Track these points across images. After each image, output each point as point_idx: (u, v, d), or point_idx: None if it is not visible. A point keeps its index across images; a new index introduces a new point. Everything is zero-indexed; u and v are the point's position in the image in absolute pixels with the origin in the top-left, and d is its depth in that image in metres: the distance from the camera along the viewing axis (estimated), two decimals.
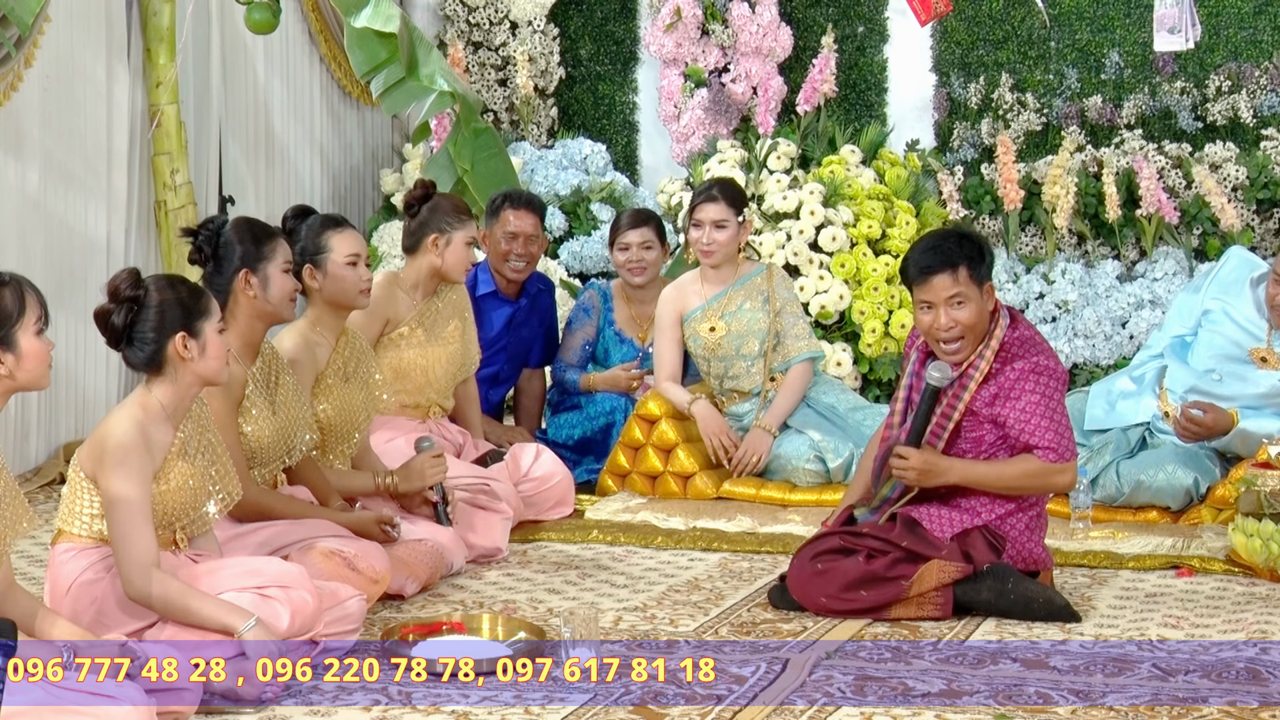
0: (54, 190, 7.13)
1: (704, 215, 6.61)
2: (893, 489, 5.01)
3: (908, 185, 8.37)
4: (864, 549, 4.90)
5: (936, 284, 4.88)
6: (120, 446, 4.21)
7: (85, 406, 7.32)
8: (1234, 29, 8.64)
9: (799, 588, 4.96)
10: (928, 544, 4.88)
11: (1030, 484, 4.91)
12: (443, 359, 6.18)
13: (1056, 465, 4.88)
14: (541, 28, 9.37)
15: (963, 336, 4.90)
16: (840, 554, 4.92)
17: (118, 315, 4.31)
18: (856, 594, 4.85)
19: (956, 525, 4.91)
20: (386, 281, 6.13)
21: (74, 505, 4.34)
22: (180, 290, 4.36)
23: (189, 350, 4.31)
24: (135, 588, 4.18)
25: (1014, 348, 4.93)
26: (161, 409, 4.33)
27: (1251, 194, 8.29)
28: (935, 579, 4.84)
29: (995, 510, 4.94)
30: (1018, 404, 4.88)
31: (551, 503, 6.26)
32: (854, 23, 9.16)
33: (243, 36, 8.01)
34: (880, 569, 4.85)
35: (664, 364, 6.76)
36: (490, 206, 6.95)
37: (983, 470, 4.91)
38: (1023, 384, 4.88)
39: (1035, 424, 4.87)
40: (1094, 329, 7.92)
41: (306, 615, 4.29)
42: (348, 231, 5.49)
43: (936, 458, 4.90)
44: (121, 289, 4.30)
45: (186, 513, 4.40)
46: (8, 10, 6.34)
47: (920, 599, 4.86)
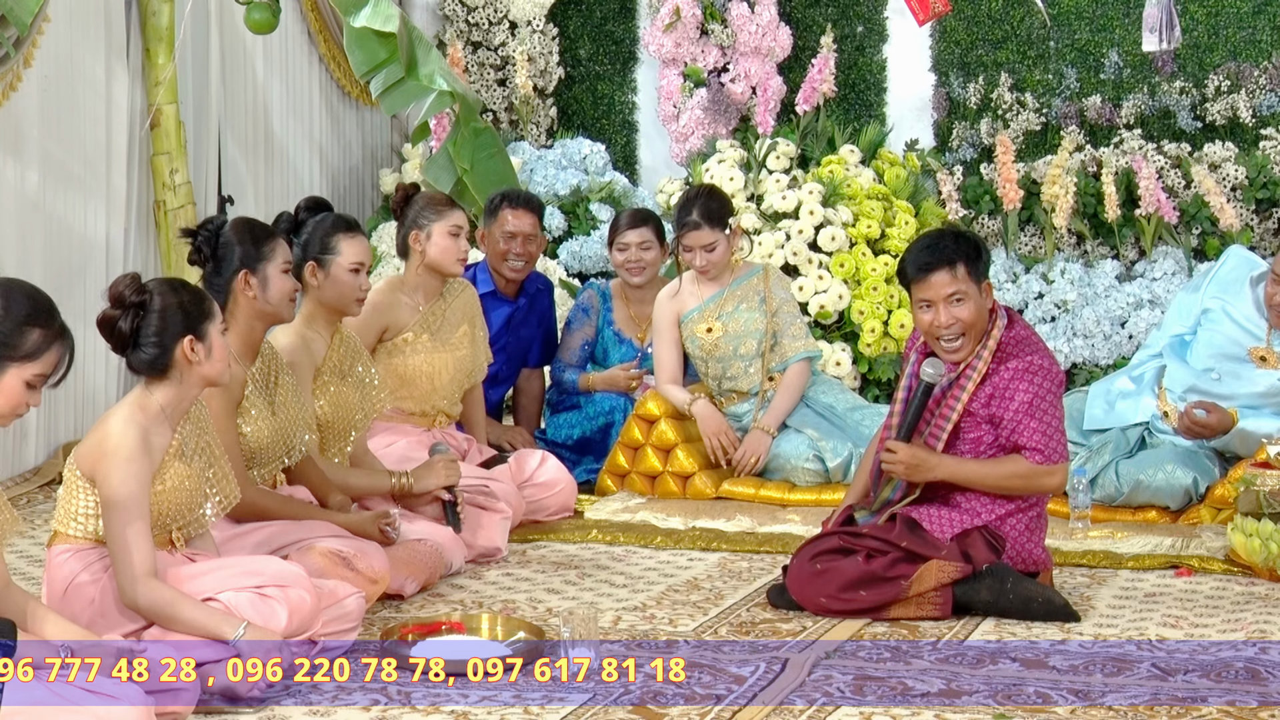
0: (53, 190, 7.13)
1: (692, 243, 6.59)
2: (894, 490, 5.02)
3: (907, 185, 8.37)
4: (863, 549, 4.90)
5: (935, 281, 4.88)
6: (120, 448, 4.21)
7: (85, 406, 7.32)
8: (1233, 29, 8.64)
9: (798, 588, 4.96)
10: (927, 544, 4.88)
11: (1018, 484, 4.91)
12: (450, 365, 6.16)
13: (1044, 467, 4.88)
14: (541, 28, 9.37)
15: (963, 334, 4.90)
16: (839, 554, 4.93)
17: (124, 321, 4.31)
18: (856, 594, 4.86)
19: (956, 526, 4.92)
20: (388, 288, 6.11)
21: (70, 506, 4.34)
22: (183, 294, 4.37)
23: (196, 354, 4.32)
24: (129, 595, 4.19)
25: (1011, 347, 4.94)
26: (160, 411, 4.33)
27: (1250, 194, 8.29)
28: (935, 579, 4.85)
29: (995, 511, 4.94)
30: (1011, 404, 4.88)
31: (553, 509, 6.26)
32: (853, 22, 9.16)
33: (242, 36, 8.00)
34: (879, 569, 4.86)
35: (664, 366, 6.76)
36: (488, 206, 6.95)
37: (971, 468, 4.92)
38: (1016, 383, 4.88)
39: (1024, 424, 4.87)
40: (1093, 329, 7.92)
41: (304, 614, 4.29)
42: (358, 238, 5.47)
43: (925, 453, 4.91)
44: (125, 294, 4.30)
45: (183, 514, 4.40)
46: (6, 10, 6.33)
47: (920, 599, 4.86)
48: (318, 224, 5.46)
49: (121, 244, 7.48)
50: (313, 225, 5.46)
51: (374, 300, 5.94)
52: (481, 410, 6.54)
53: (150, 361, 4.31)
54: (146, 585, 4.17)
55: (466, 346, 6.22)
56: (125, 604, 4.21)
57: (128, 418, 4.27)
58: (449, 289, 6.24)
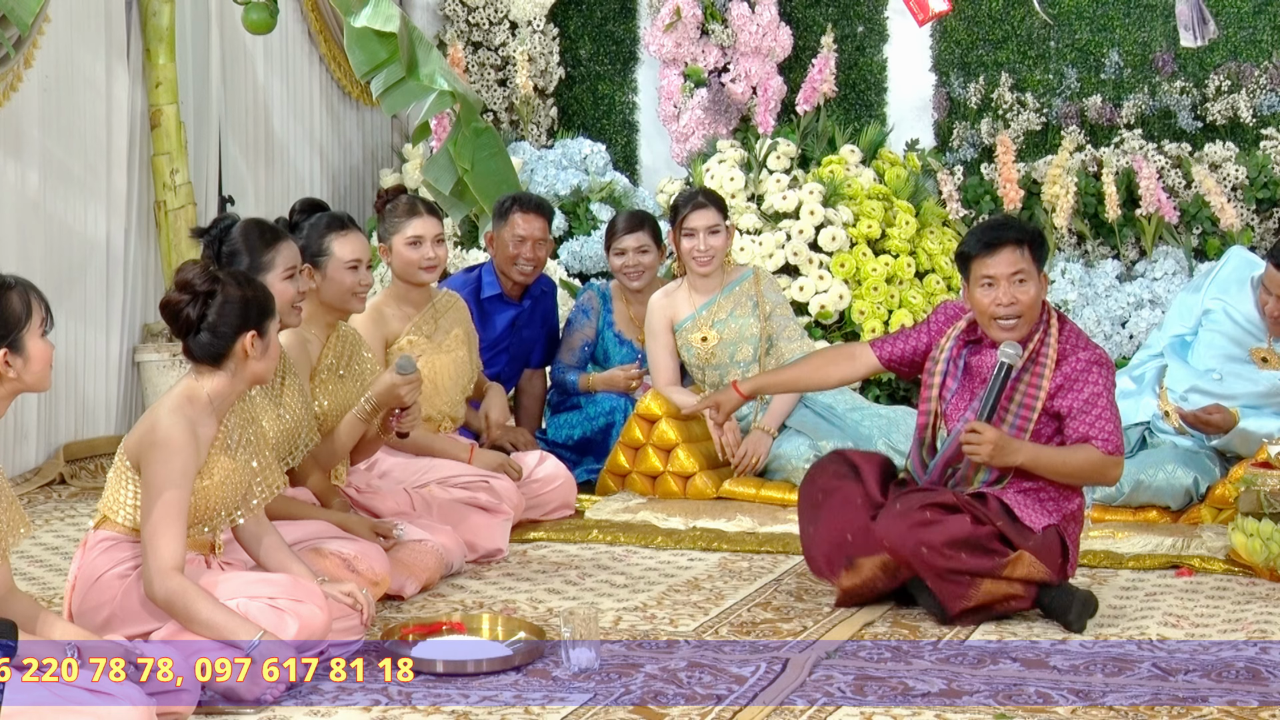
0: (54, 190, 7.13)
1: (697, 223, 6.62)
2: (986, 474, 4.95)
3: (907, 185, 8.37)
4: (970, 513, 4.85)
5: (1003, 257, 4.88)
6: (169, 440, 4.23)
7: (84, 407, 7.32)
8: (1234, 29, 8.64)
9: (899, 533, 4.80)
10: (1020, 531, 4.85)
11: (1088, 473, 4.92)
12: (449, 366, 6.15)
13: (1113, 458, 4.90)
14: (541, 28, 9.37)
15: (1020, 316, 4.90)
16: (947, 510, 4.82)
17: (191, 307, 4.31)
18: (958, 554, 4.76)
19: (1044, 518, 4.90)
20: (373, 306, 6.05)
21: (118, 493, 4.36)
22: (252, 289, 4.38)
23: (254, 349, 4.33)
24: (151, 586, 4.20)
25: (1072, 338, 4.96)
26: (209, 402, 4.34)
27: (1251, 194, 8.29)
28: (1026, 570, 4.80)
29: (1063, 510, 4.93)
30: (1081, 395, 4.89)
31: (554, 505, 6.26)
32: (853, 22, 9.16)
33: (242, 36, 8.01)
34: (983, 537, 4.79)
35: (660, 370, 6.78)
36: (498, 209, 6.94)
37: (1049, 455, 4.90)
38: (1086, 375, 4.90)
39: (1096, 415, 4.88)
40: (1094, 329, 7.92)
41: (314, 629, 4.29)
42: (350, 235, 5.43)
43: (1008, 437, 4.88)
44: (195, 282, 4.30)
45: (229, 506, 4.41)
46: (7, 10, 6.34)
47: (1009, 582, 4.82)
48: (311, 226, 5.45)
49: (122, 244, 7.48)
50: (307, 228, 5.46)
51: (367, 317, 5.94)
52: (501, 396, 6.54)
53: (211, 350, 4.32)
54: (170, 578, 4.17)
55: (463, 348, 6.22)
56: (146, 594, 4.22)
57: (176, 408, 4.28)
58: (439, 299, 6.22)
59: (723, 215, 6.69)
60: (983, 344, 5.01)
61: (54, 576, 5.46)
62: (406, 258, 6.04)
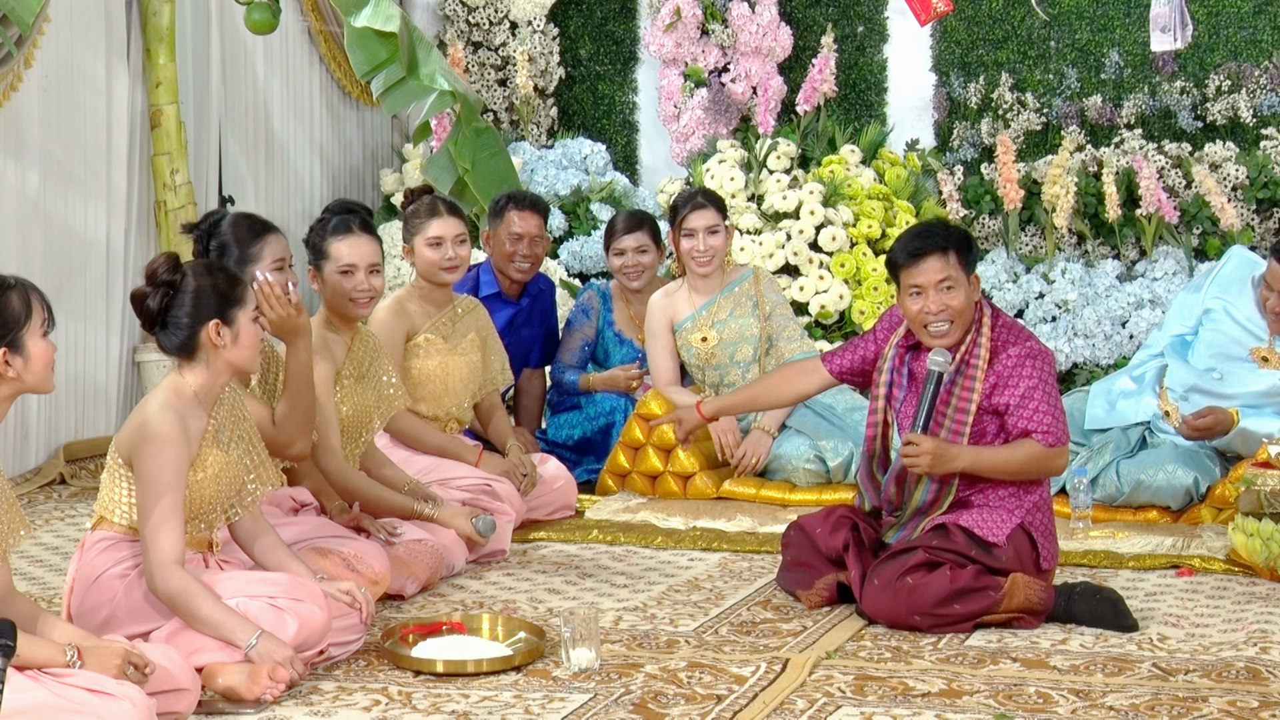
0: (54, 190, 7.13)
1: (697, 223, 6.62)
2: (924, 493, 4.97)
3: (907, 185, 8.37)
4: (946, 561, 4.82)
5: (928, 267, 4.88)
6: (159, 434, 4.23)
7: (85, 407, 7.32)
8: (1234, 29, 8.64)
9: (886, 607, 4.81)
10: (990, 553, 4.84)
11: (1032, 468, 4.91)
12: (462, 368, 6.13)
13: (1055, 449, 4.89)
14: (541, 28, 9.37)
15: (951, 322, 4.90)
16: (926, 569, 4.81)
17: (153, 299, 4.33)
18: (950, 608, 4.75)
19: (1007, 522, 4.89)
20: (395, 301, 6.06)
21: (113, 493, 4.37)
22: (217, 277, 4.38)
23: (221, 338, 4.33)
24: (153, 581, 4.20)
25: (1003, 334, 4.95)
26: (194, 394, 4.34)
27: (1251, 193, 8.29)
28: (1023, 595, 4.78)
29: (1025, 503, 4.92)
30: (1017, 390, 4.88)
31: (555, 505, 6.26)
32: (854, 22, 9.16)
33: (242, 36, 8.01)
34: (969, 580, 4.77)
35: (660, 371, 6.78)
36: (494, 208, 6.94)
37: (989, 455, 4.90)
38: (1020, 369, 4.89)
39: (1034, 408, 4.87)
40: (1094, 329, 7.92)
41: (314, 629, 4.29)
42: (350, 238, 5.35)
43: (946, 444, 4.88)
44: (159, 273, 4.32)
45: (224, 501, 4.41)
46: (8, 10, 6.34)
47: (1008, 613, 4.81)
48: (317, 227, 5.44)
49: (122, 244, 7.49)
50: (314, 228, 5.45)
51: (390, 309, 5.96)
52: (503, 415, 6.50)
53: (177, 342, 4.33)
54: (172, 572, 4.18)
55: (477, 352, 6.19)
56: (149, 589, 4.23)
57: (164, 403, 4.29)
58: (460, 303, 6.20)
59: (722, 215, 6.70)
60: (922, 349, 5.00)
61: (54, 576, 5.47)
62: (428, 258, 6.04)
